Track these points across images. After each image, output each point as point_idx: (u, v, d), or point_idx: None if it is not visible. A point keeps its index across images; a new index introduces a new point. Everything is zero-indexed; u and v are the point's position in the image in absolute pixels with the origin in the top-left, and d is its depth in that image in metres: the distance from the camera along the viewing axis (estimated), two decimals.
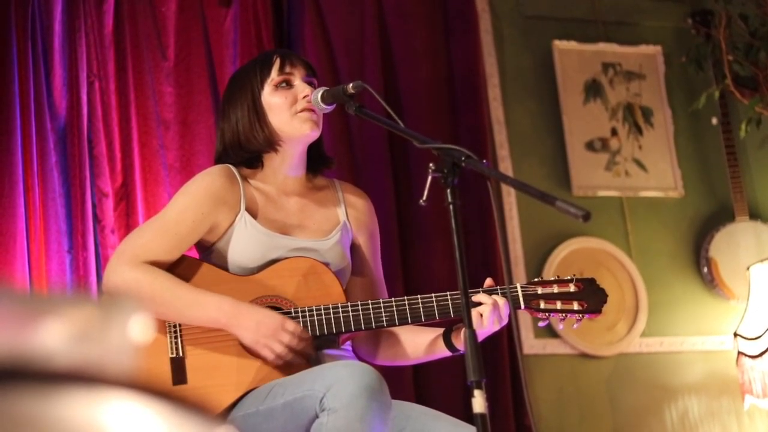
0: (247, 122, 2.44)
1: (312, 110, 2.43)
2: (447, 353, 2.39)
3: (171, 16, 3.64)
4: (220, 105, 2.58)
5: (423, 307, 2.35)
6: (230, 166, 2.46)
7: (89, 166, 3.37)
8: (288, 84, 2.45)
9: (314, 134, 2.46)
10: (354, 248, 2.54)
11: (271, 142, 2.45)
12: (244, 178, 2.47)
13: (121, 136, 3.45)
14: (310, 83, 2.47)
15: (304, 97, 2.42)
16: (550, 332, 4.01)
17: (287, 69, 2.46)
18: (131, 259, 2.30)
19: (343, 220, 2.52)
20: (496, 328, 2.32)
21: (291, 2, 3.88)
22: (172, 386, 2.33)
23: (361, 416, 2.02)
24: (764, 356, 3.79)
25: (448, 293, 2.35)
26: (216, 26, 3.69)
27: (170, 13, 3.64)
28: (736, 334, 3.91)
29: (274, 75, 2.45)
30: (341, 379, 2.06)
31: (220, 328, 2.30)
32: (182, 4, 3.65)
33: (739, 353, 3.88)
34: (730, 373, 4.02)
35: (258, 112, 2.44)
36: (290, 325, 2.28)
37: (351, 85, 2.28)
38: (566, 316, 2.39)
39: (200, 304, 2.28)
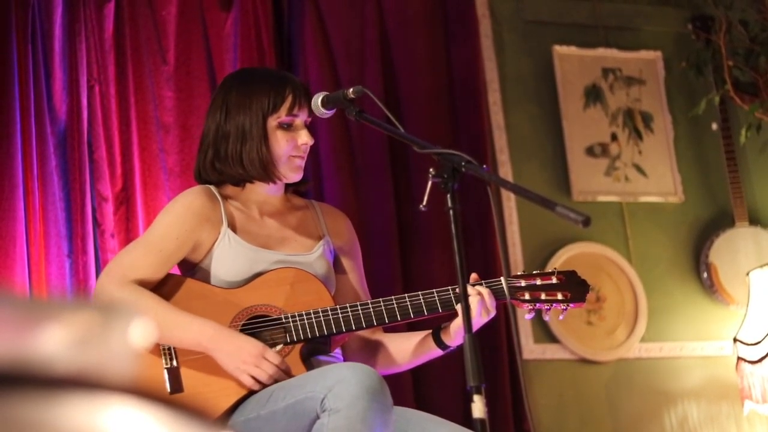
0: (247, 139, 2.44)
1: (304, 158, 2.47)
2: (439, 352, 2.42)
3: (171, 20, 3.63)
4: (220, 99, 2.52)
5: (411, 304, 2.38)
6: (210, 186, 2.49)
7: (89, 170, 3.37)
8: (290, 126, 2.46)
9: (298, 179, 2.51)
10: (336, 264, 2.57)
11: (266, 165, 2.44)
12: (225, 198, 2.49)
13: (121, 140, 3.45)
14: (307, 126, 2.49)
15: (302, 145, 2.45)
16: (550, 337, 4.00)
17: (295, 111, 2.46)
18: (119, 279, 2.33)
19: (325, 236, 2.55)
20: (485, 319, 2.34)
21: (291, 6, 3.88)
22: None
23: (363, 417, 2.02)
24: (764, 362, 3.78)
25: (434, 290, 2.38)
26: (216, 30, 3.69)
27: (170, 17, 3.64)
28: (735, 340, 3.91)
29: (282, 113, 2.44)
30: (343, 380, 2.07)
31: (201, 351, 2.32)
32: (182, 8, 3.65)
33: (739, 359, 3.88)
34: (730, 378, 4.02)
35: (263, 135, 2.44)
36: (271, 355, 2.29)
37: (351, 89, 2.28)
38: (551, 306, 2.42)
39: (182, 327, 2.30)
